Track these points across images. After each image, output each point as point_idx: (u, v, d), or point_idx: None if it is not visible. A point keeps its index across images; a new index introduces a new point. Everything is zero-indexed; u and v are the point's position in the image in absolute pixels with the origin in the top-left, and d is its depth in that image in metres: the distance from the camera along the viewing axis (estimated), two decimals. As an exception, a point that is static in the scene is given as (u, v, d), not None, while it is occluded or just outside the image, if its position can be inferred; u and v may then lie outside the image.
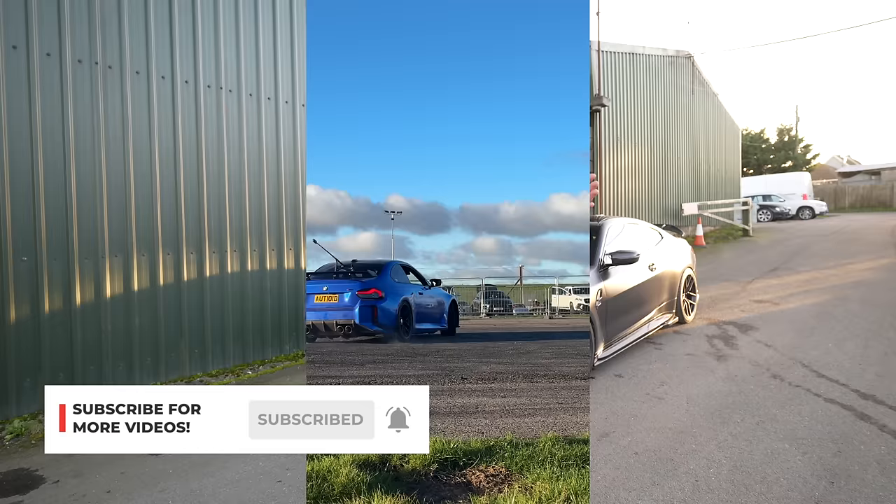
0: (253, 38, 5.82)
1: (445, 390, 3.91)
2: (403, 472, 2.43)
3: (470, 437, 2.80)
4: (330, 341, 6.68)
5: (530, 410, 3.34)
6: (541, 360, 5.29)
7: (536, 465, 2.42)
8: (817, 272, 9.89)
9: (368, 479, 2.33)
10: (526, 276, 18.36)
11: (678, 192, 16.83)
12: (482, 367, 4.84)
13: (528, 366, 4.88)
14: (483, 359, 5.38)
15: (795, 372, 4.66)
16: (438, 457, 2.50)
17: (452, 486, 2.34)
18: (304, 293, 6.45)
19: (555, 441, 2.65)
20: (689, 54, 17.44)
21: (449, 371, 4.62)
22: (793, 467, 3.06)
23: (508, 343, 6.89)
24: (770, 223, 24.42)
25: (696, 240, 15.06)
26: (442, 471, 2.44)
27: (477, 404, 3.49)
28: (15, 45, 4.19)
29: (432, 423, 3.02)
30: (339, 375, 4.47)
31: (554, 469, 2.37)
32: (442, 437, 2.74)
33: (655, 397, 4.22)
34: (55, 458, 3.57)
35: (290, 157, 6.20)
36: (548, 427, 2.98)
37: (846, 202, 34.54)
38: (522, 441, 2.69)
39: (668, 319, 6.22)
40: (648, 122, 15.29)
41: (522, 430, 2.93)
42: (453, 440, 2.68)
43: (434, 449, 2.53)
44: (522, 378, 4.30)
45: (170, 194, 5.14)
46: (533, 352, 5.95)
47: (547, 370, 4.61)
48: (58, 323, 4.43)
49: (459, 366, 4.90)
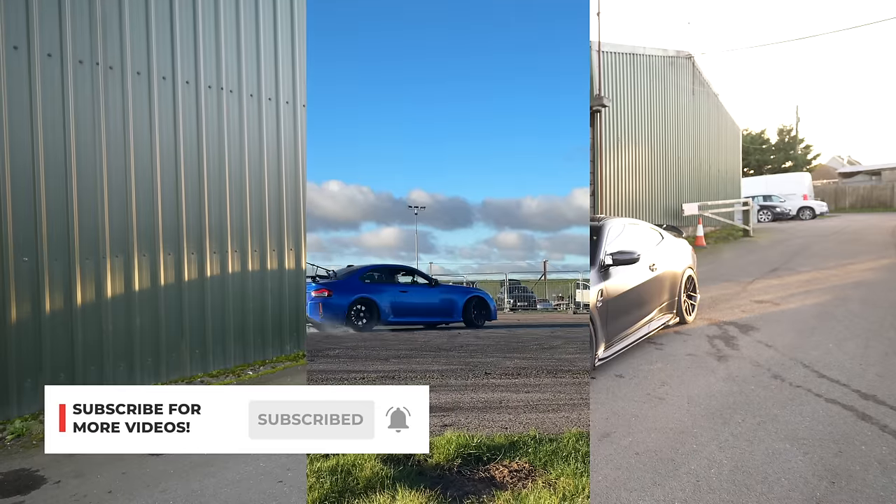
0: (254, 38, 5.82)
1: (469, 385, 3.89)
2: (427, 466, 2.43)
3: (493, 432, 2.79)
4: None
5: (554, 406, 3.33)
6: (565, 355, 5.28)
7: (560, 460, 2.41)
8: (818, 272, 9.88)
9: (393, 473, 2.33)
10: (550, 271, 18.30)
11: (678, 192, 16.82)
12: (506, 362, 4.83)
13: (552, 361, 4.86)
14: (507, 354, 5.37)
15: (796, 372, 4.65)
16: (462, 452, 2.50)
17: (476, 481, 2.34)
18: (305, 293, 6.52)
19: (579, 437, 2.64)
20: (690, 55, 17.44)
21: (473, 366, 4.62)
22: (794, 467, 3.06)
23: (532, 338, 6.93)
24: (770, 223, 24.40)
25: (696, 240, 15.05)
26: (465, 466, 2.44)
27: (500, 399, 3.48)
28: (16, 45, 4.20)
29: (455, 418, 3.02)
30: (364, 370, 4.47)
31: (578, 465, 2.36)
32: (465, 432, 2.73)
33: (656, 397, 4.22)
34: (56, 459, 3.57)
35: (291, 157, 6.20)
36: (572, 423, 2.97)
37: (846, 202, 34.51)
38: (546, 437, 2.68)
39: (669, 320, 6.22)
40: (649, 122, 15.29)
41: (546, 425, 2.91)
42: (476, 435, 2.67)
43: (458, 444, 2.53)
44: (546, 373, 4.28)
45: (171, 195, 5.14)
46: (557, 347, 5.93)
47: (571, 365, 4.59)
48: (59, 323, 4.43)
49: (483, 360, 4.89)
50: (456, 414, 3.14)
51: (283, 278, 6.14)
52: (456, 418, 3.04)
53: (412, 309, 8.39)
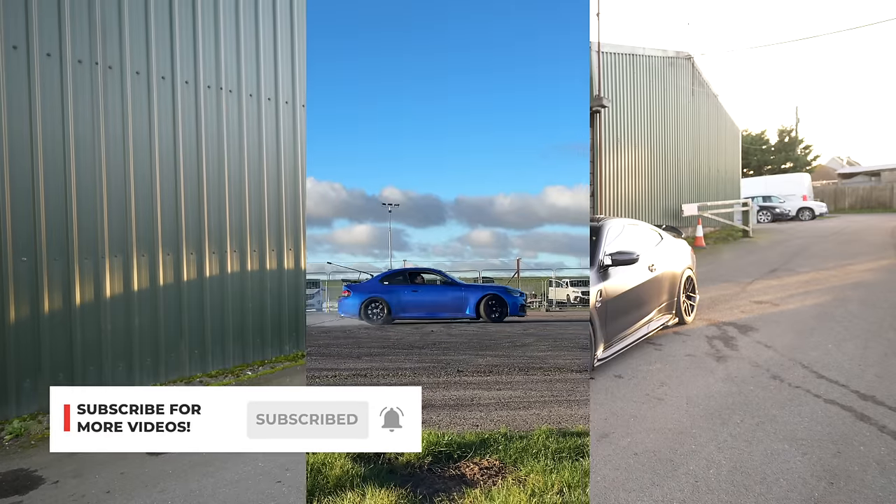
0: (253, 38, 5.82)
1: (441, 383, 3.92)
2: (398, 464, 2.44)
3: (465, 429, 2.80)
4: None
5: (525, 403, 3.35)
6: (536, 352, 5.30)
7: (530, 457, 2.44)
8: (817, 273, 9.88)
9: (363, 471, 2.34)
10: (523, 269, 18.41)
11: (678, 192, 16.83)
12: (478, 359, 4.85)
13: (524, 359, 4.88)
14: (479, 351, 5.39)
15: (795, 373, 4.66)
16: (433, 450, 2.51)
17: (446, 479, 2.34)
18: (304, 293, 6.53)
19: (549, 434, 2.66)
20: (689, 55, 17.45)
21: (445, 364, 4.63)
22: (792, 468, 3.06)
23: (504, 336, 6.97)
24: (770, 224, 24.41)
25: (695, 241, 15.06)
26: (436, 463, 2.45)
27: (472, 397, 3.50)
28: (15, 45, 4.20)
29: (427, 416, 3.03)
30: (336, 368, 4.51)
31: (548, 462, 2.38)
32: (437, 430, 2.74)
33: (655, 398, 4.22)
34: (55, 459, 3.57)
35: (291, 157, 6.20)
36: (542, 420, 2.99)
37: (846, 203, 34.53)
38: (517, 434, 2.70)
39: (668, 320, 6.22)
40: (648, 123, 15.30)
41: (517, 422, 2.94)
42: (448, 433, 2.68)
43: (428, 442, 2.54)
44: (518, 371, 4.30)
45: (170, 195, 5.14)
46: (529, 345, 5.95)
47: (542, 363, 4.61)
48: (58, 323, 4.43)
49: (455, 358, 4.91)
50: (427, 412, 3.15)
51: (283, 278, 6.14)
52: (427, 416, 3.06)
53: (421, 306, 9.55)
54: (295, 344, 6.23)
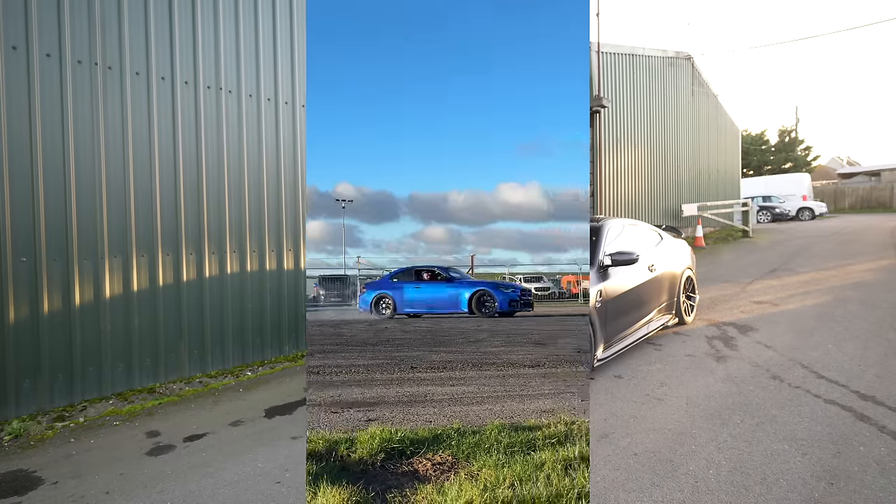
0: (253, 38, 5.82)
1: (395, 379, 3.93)
2: (350, 461, 2.43)
3: (418, 425, 2.81)
4: None
5: (478, 398, 3.36)
6: (490, 348, 5.32)
7: (483, 452, 2.44)
8: (817, 273, 9.88)
9: (315, 469, 2.33)
10: (477, 265, 18.52)
11: (678, 193, 16.83)
12: (432, 356, 4.86)
13: (478, 354, 4.90)
14: (433, 347, 5.42)
15: (795, 373, 4.65)
16: (385, 446, 2.52)
17: (399, 475, 2.34)
18: (304, 294, 6.53)
19: (501, 428, 2.68)
20: (689, 55, 17.45)
21: (399, 360, 4.65)
22: (792, 468, 3.06)
23: (458, 332, 7.06)
24: (770, 224, 24.42)
25: (695, 241, 15.07)
26: (389, 460, 2.44)
27: (425, 393, 3.51)
28: (15, 45, 4.19)
29: (381, 413, 3.06)
30: None
31: (499, 456, 2.39)
32: (389, 426, 2.75)
33: (655, 398, 4.22)
34: (54, 459, 3.57)
35: (290, 157, 6.20)
36: (495, 415, 3.00)
37: (846, 203, 34.55)
38: (469, 429, 2.71)
39: (668, 320, 6.22)
40: (648, 123, 15.30)
41: (470, 418, 2.95)
42: (400, 429, 2.69)
43: (381, 438, 2.55)
44: (471, 367, 4.32)
45: (169, 195, 5.14)
46: (482, 340, 5.99)
47: (496, 358, 4.63)
48: (57, 323, 4.43)
49: (409, 355, 4.93)
50: (381, 408, 3.16)
51: (282, 279, 6.14)
52: (381, 413, 3.06)
53: (422, 302, 10.30)
54: (294, 344, 6.23)
